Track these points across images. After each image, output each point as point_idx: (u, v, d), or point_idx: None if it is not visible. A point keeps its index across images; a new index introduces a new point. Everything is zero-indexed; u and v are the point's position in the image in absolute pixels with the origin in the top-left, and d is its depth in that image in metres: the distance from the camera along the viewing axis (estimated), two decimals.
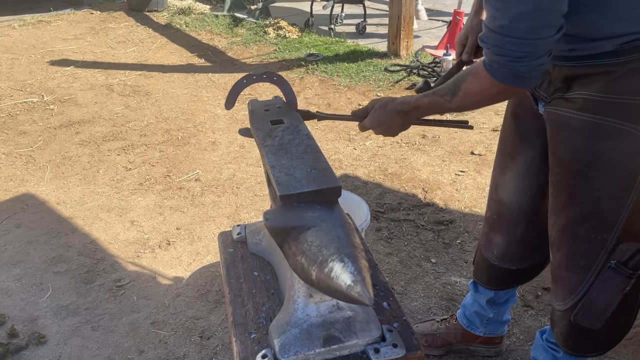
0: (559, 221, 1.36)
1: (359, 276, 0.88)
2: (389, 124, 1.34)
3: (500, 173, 1.60)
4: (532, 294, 2.21)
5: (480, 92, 1.17)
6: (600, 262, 1.31)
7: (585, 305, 1.36)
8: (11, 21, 5.96)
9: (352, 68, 4.49)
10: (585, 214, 1.30)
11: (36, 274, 2.39)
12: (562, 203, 1.34)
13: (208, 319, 2.15)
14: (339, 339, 1.05)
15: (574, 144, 1.26)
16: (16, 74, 4.58)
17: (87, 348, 2.03)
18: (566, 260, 1.38)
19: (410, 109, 1.31)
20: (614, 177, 1.24)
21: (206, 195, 2.93)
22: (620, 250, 1.29)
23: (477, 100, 1.20)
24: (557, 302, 1.44)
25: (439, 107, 1.26)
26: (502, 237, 1.64)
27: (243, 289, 1.27)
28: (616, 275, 1.30)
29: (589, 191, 1.28)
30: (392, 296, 1.21)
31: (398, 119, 1.33)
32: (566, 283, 1.40)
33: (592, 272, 1.33)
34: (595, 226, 1.29)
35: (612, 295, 1.32)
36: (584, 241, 1.32)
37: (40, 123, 3.74)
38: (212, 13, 6.19)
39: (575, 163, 1.28)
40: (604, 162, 1.24)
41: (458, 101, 1.20)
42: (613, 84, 1.17)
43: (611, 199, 1.26)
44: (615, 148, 1.22)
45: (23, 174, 3.15)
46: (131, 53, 5.10)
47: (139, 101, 4.08)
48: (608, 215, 1.27)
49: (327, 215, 1.01)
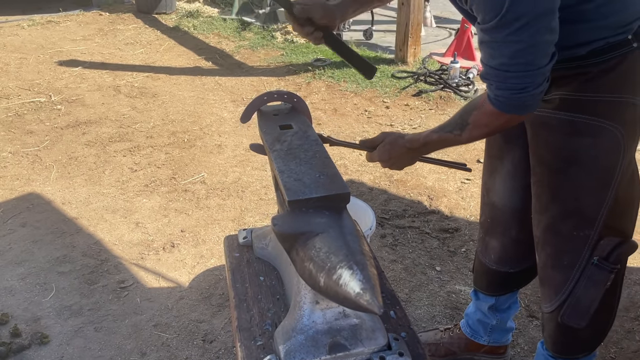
0: (543, 220, 1.40)
1: (368, 284, 0.87)
2: (398, 159, 1.37)
3: (489, 177, 1.63)
4: (537, 304, 2.20)
5: (488, 123, 1.21)
6: (583, 259, 1.35)
7: (572, 304, 1.40)
8: (20, 21, 5.99)
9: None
10: (567, 211, 1.34)
11: (40, 273, 2.39)
12: (545, 202, 1.38)
13: (211, 322, 2.14)
14: (345, 347, 1.04)
15: (554, 143, 1.32)
16: (24, 73, 4.60)
17: (90, 349, 2.03)
18: (551, 259, 1.42)
19: (419, 146, 1.34)
20: (593, 173, 1.29)
21: (211, 198, 2.93)
22: (601, 246, 1.33)
23: (486, 131, 1.25)
24: (545, 304, 1.47)
25: (449, 142, 1.30)
26: (497, 241, 1.66)
27: (248, 293, 1.26)
28: (599, 271, 1.34)
29: (570, 188, 1.33)
30: (399, 304, 1.20)
31: (407, 155, 1.36)
32: (552, 283, 1.43)
33: (576, 270, 1.37)
34: (577, 223, 1.34)
35: (596, 291, 1.36)
36: (567, 239, 1.36)
37: (47, 123, 3.76)
38: (220, 16, 6.21)
39: (555, 161, 1.33)
40: (583, 159, 1.29)
41: (468, 134, 1.24)
42: (587, 84, 1.23)
43: (591, 194, 1.31)
44: (592, 144, 1.27)
45: (29, 174, 3.16)
46: (139, 55, 5.12)
47: (145, 103, 4.09)
48: (589, 211, 1.32)
49: (336, 221, 1.00)
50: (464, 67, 4.34)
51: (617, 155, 1.28)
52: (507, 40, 1.05)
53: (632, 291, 2.27)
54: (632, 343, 2.03)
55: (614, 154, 1.28)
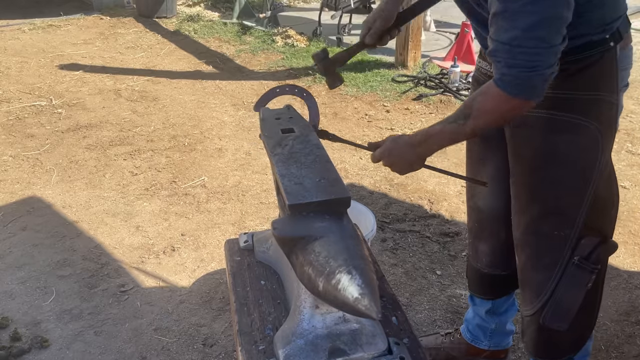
0: (522, 220, 1.39)
1: (367, 289, 0.87)
2: (399, 156, 1.32)
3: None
4: None
5: (493, 109, 1.16)
6: (564, 259, 1.34)
7: (553, 306, 1.38)
8: (21, 25, 6.00)
9: (360, 78, 4.50)
10: (547, 211, 1.34)
11: (40, 277, 2.39)
12: (524, 202, 1.37)
13: (211, 326, 2.14)
14: (345, 352, 1.04)
15: (532, 141, 1.30)
16: (25, 77, 4.61)
17: (90, 353, 2.02)
18: (531, 260, 1.41)
19: (420, 140, 1.29)
20: (572, 170, 1.29)
21: (212, 201, 2.93)
22: (581, 245, 1.32)
23: (491, 118, 1.19)
24: (525, 307, 1.45)
25: (452, 132, 1.24)
26: (487, 244, 1.66)
27: (249, 297, 1.26)
28: (580, 272, 1.33)
29: (550, 187, 1.32)
30: (400, 309, 1.20)
31: (408, 151, 1.31)
32: (532, 285, 1.42)
33: (557, 270, 1.35)
34: (557, 222, 1.33)
35: (577, 292, 1.35)
36: (547, 239, 1.35)
37: (48, 126, 3.76)
38: (221, 20, 6.22)
39: (534, 160, 1.32)
40: (562, 157, 1.29)
41: (472, 123, 1.19)
42: (565, 81, 1.21)
43: (571, 193, 1.30)
44: (571, 141, 1.27)
45: (30, 177, 3.16)
46: (140, 59, 5.13)
47: (146, 106, 4.10)
48: (569, 210, 1.31)
49: (336, 225, 1.00)
50: (464, 71, 4.34)
51: (595, 153, 1.28)
52: (524, 10, 1.02)
53: (633, 295, 2.27)
54: (633, 347, 2.03)
55: (592, 152, 1.28)
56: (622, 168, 3.20)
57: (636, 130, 3.63)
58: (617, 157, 3.31)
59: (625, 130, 3.63)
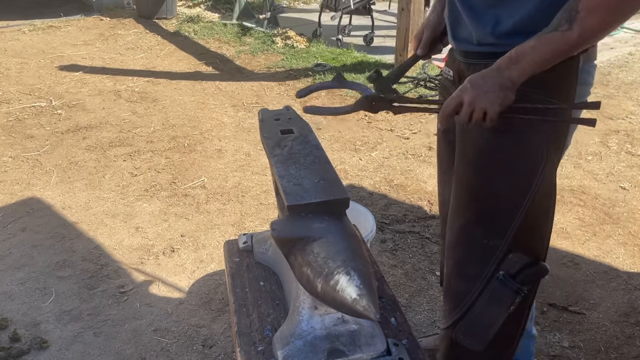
0: (457, 222, 1.36)
1: (365, 290, 0.87)
2: (483, 85, 1.10)
3: (443, 190, 1.58)
4: (538, 310, 2.19)
5: (607, 3, 0.99)
6: (489, 272, 1.29)
7: (470, 321, 1.32)
8: (21, 26, 6.01)
9: (360, 79, 4.50)
10: (482, 214, 1.30)
11: (40, 278, 2.39)
12: (463, 202, 1.34)
13: (211, 327, 2.14)
14: (343, 353, 1.04)
15: (479, 142, 1.27)
16: (25, 78, 4.61)
17: (89, 354, 2.02)
18: (457, 268, 1.36)
19: (508, 62, 1.09)
20: (511, 178, 1.25)
21: (211, 202, 2.93)
22: (509, 260, 1.27)
23: (605, 15, 1.00)
24: (443, 319, 1.40)
25: (553, 44, 1.04)
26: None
27: (248, 298, 1.26)
28: (503, 289, 1.27)
29: (489, 190, 1.28)
30: (399, 310, 1.20)
31: (493, 77, 1.10)
32: (453, 296, 1.37)
33: (479, 282, 1.30)
34: (489, 229, 1.28)
35: (497, 311, 1.28)
36: (476, 245, 1.30)
37: (48, 127, 3.76)
38: (221, 21, 6.23)
39: (479, 161, 1.29)
40: (503, 161, 1.26)
41: (580, 25, 1.00)
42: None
43: (507, 198, 1.26)
44: (515, 148, 1.24)
45: (29, 178, 3.16)
46: (139, 60, 5.13)
47: (146, 107, 4.10)
48: (502, 218, 1.27)
49: (335, 226, 1.00)
50: None
51: (537, 165, 1.24)
52: None
53: (633, 297, 2.27)
54: (632, 349, 2.03)
55: (535, 164, 1.24)
56: (622, 169, 3.20)
57: (636, 131, 3.64)
58: (617, 158, 3.31)
59: (625, 131, 3.63)
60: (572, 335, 2.08)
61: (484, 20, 1.20)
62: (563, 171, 3.11)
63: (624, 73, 4.63)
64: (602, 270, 2.42)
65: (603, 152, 3.38)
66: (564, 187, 3.00)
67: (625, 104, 4.04)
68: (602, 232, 2.66)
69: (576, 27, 1.01)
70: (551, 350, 2.01)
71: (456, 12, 1.29)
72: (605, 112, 3.91)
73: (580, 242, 2.60)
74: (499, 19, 1.18)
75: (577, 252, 2.53)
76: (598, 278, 2.37)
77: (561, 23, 1.02)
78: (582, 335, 2.09)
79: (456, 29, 1.32)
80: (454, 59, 1.39)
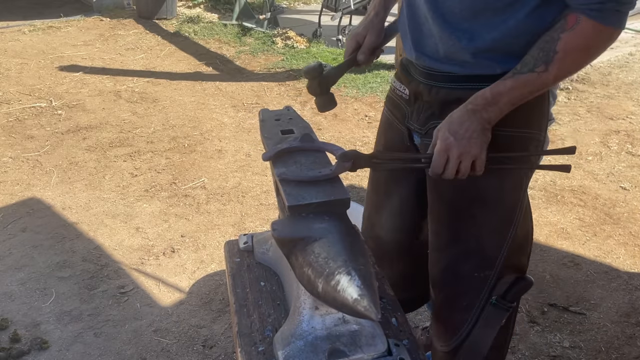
0: (442, 260, 1.33)
1: (366, 290, 0.87)
2: (467, 133, 1.07)
3: (375, 212, 1.54)
4: (539, 310, 2.19)
5: (586, 46, 0.99)
6: (482, 300, 1.29)
7: (469, 345, 1.33)
8: (21, 26, 6.00)
9: (359, 79, 4.50)
10: (468, 251, 1.28)
11: (40, 278, 2.39)
12: (445, 241, 1.31)
13: (211, 327, 2.14)
14: (344, 353, 1.03)
15: (458, 181, 1.17)
16: (25, 78, 4.61)
17: (89, 355, 2.02)
18: (448, 301, 1.36)
19: (485, 103, 1.06)
20: (497, 212, 1.23)
21: (211, 203, 2.93)
22: (499, 284, 1.28)
23: (582, 57, 1.02)
24: (441, 343, 1.41)
25: (530, 84, 1.03)
26: (385, 273, 1.56)
27: (249, 299, 1.26)
28: (496, 311, 1.28)
29: (473, 228, 1.26)
30: (400, 310, 1.20)
31: (472, 122, 1.07)
32: (449, 324, 1.37)
33: (474, 311, 1.31)
34: (478, 264, 1.27)
35: (492, 331, 1.30)
36: (466, 280, 1.30)
37: (48, 128, 3.76)
38: (221, 22, 6.22)
39: (458, 200, 1.25)
40: (488, 199, 1.22)
41: (557, 66, 1.00)
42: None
43: (494, 234, 1.25)
44: (498, 184, 1.20)
45: (29, 178, 3.16)
46: (139, 60, 5.13)
47: (146, 108, 4.10)
48: (490, 251, 1.26)
49: (336, 226, 1.00)
50: None
51: (520, 192, 1.24)
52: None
53: (633, 297, 2.27)
54: (633, 349, 2.02)
55: (517, 192, 1.23)
56: (622, 169, 3.20)
57: (636, 131, 3.63)
58: (618, 158, 3.31)
59: (625, 131, 3.63)
60: (572, 336, 2.08)
61: (458, 33, 1.12)
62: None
63: (624, 73, 4.63)
64: (603, 270, 2.42)
65: (603, 153, 3.38)
66: (564, 187, 2.99)
67: (626, 104, 4.04)
68: (602, 232, 2.66)
69: (553, 68, 1.01)
70: (552, 351, 2.01)
71: (420, 20, 1.20)
72: (605, 112, 3.91)
73: (581, 242, 2.60)
74: (475, 34, 1.11)
75: (577, 252, 2.53)
76: (598, 278, 2.37)
77: (537, 63, 1.02)
78: (583, 335, 2.08)
79: (420, 40, 1.22)
80: (410, 78, 1.29)
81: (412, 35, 1.24)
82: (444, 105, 1.19)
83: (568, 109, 3.97)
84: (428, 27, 1.18)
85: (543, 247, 2.56)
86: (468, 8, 1.10)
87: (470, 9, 1.10)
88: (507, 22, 1.09)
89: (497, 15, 1.09)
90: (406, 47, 1.27)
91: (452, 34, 1.13)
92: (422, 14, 1.19)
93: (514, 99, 1.06)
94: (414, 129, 1.30)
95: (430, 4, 1.15)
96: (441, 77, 1.19)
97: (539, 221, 2.74)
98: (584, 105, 4.03)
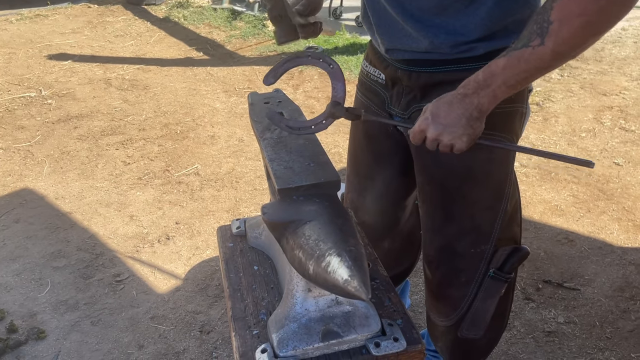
0: (437, 240, 1.34)
1: (357, 271, 0.87)
2: (447, 119, 0.99)
3: (358, 196, 1.53)
4: (533, 287, 2.21)
5: (582, 12, 0.84)
6: (480, 274, 1.32)
7: (470, 318, 1.36)
8: (8, 15, 5.92)
9: (352, 61, 4.47)
10: (463, 230, 1.29)
11: (35, 269, 2.39)
12: (439, 222, 1.32)
13: (208, 313, 2.14)
14: (338, 334, 1.04)
15: (447, 161, 1.16)
16: (13, 68, 4.56)
17: (87, 343, 2.02)
18: (447, 278, 1.37)
19: (477, 86, 0.96)
20: (488, 188, 1.24)
21: (205, 189, 2.92)
22: (496, 257, 1.30)
23: (581, 27, 0.85)
24: (441, 318, 1.43)
25: (525, 62, 0.91)
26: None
27: (242, 283, 1.26)
28: (495, 283, 1.31)
29: (465, 206, 1.26)
30: (393, 291, 1.20)
31: (457, 107, 0.98)
32: (449, 300, 1.39)
33: (473, 285, 1.33)
34: (474, 240, 1.29)
35: (492, 302, 1.33)
36: (463, 257, 1.31)
37: (38, 118, 3.73)
38: (211, 6, 6.15)
39: (449, 180, 1.25)
40: (478, 175, 1.22)
41: (554, 39, 0.87)
42: None
43: (486, 210, 1.26)
44: (488, 159, 1.20)
45: (21, 169, 3.14)
46: (129, 47, 5.08)
47: (137, 95, 4.06)
48: (485, 226, 1.27)
49: (326, 208, 1.00)
50: None
51: (508, 166, 1.24)
52: None
53: (627, 271, 2.28)
54: (627, 323, 2.04)
55: (506, 166, 1.24)
56: (616, 145, 3.20)
57: (629, 107, 3.63)
58: (611, 134, 3.31)
59: (618, 107, 3.63)
60: (567, 311, 2.10)
61: (432, 29, 1.10)
62: (557, 149, 3.10)
63: (617, 49, 4.61)
64: (597, 246, 2.43)
65: (597, 129, 3.38)
66: (557, 164, 2.99)
67: (619, 80, 4.03)
68: (596, 208, 2.67)
69: (549, 41, 0.87)
70: (547, 327, 2.03)
71: (388, 21, 1.17)
72: (598, 88, 3.90)
73: (575, 218, 2.61)
74: (450, 27, 1.08)
75: (571, 228, 2.54)
76: (592, 254, 2.39)
77: (532, 37, 0.89)
78: (578, 310, 2.10)
79: (393, 38, 1.17)
80: (386, 63, 1.26)
81: (382, 32, 1.20)
82: (426, 89, 1.18)
83: (561, 85, 3.96)
84: (400, 27, 1.15)
85: (537, 225, 2.57)
86: (437, 4, 1.08)
87: (439, 4, 1.08)
88: (479, 11, 1.06)
89: (466, 7, 1.07)
90: (378, 43, 1.24)
91: (428, 32, 1.11)
92: (389, 15, 1.16)
93: (508, 79, 0.93)
94: (395, 114, 1.28)
95: (394, 5, 1.12)
96: (421, 62, 1.17)
97: (533, 199, 2.74)
98: (577, 81, 4.02)
